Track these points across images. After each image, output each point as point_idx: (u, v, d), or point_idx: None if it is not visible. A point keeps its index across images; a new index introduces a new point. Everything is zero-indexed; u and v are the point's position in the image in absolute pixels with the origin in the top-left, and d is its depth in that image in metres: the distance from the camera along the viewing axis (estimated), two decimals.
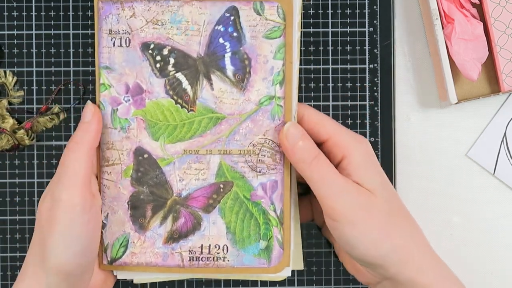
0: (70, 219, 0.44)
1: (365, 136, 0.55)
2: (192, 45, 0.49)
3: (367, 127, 0.55)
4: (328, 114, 0.55)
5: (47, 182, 0.53)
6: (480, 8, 0.54)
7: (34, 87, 0.55)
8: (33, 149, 0.55)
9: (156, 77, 0.49)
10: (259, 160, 0.50)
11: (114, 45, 0.49)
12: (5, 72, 0.55)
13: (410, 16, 0.56)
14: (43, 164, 0.55)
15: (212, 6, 0.49)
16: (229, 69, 0.49)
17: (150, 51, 0.49)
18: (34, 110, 0.55)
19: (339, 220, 0.46)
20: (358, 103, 0.55)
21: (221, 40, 0.49)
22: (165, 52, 0.49)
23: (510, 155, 0.56)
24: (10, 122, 0.54)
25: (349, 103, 0.55)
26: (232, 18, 0.49)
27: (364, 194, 0.47)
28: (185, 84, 0.49)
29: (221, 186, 0.50)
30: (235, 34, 0.49)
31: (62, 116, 0.55)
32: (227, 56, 0.49)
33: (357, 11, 0.55)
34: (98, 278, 0.50)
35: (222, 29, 0.49)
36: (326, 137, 0.49)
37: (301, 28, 0.52)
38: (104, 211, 0.50)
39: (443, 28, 0.52)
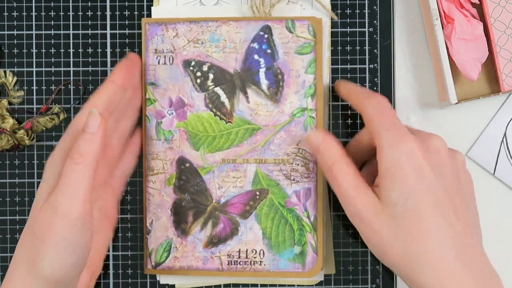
0: (71, 231, 0.43)
1: None
2: (229, 61, 0.53)
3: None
4: (328, 114, 0.55)
5: None
6: (480, 8, 0.54)
7: (34, 87, 0.55)
8: (33, 149, 0.56)
9: (197, 92, 0.53)
10: (293, 168, 0.53)
11: (159, 63, 0.53)
12: (5, 72, 0.55)
13: (410, 16, 0.56)
14: (43, 164, 0.55)
15: (247, 26, 0.52)
16: (264, 83, 0.53)
17: (191, 68, 0.53)
18: (34, 110, 0.55)
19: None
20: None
21: (256, 57, 0.53)
22: (205, 68, 0.53)
23: (510, 155, 0.56)
24: (10, 122, 0.54)
25: (349, 103, 0.55)
26: (266, 36, 0.52)
27: (369, 211, 0.46)
28: (223, 97, 0.53)
29: (257, 193, 0.53)
30: (268, 50, 0.53)
31: (62, 116, 0.55)
32: (262, 71, 0.53)
33: (357, 11, 0.56)
34: (82, 282, 0.51)
35: (256, 46, 0.53)
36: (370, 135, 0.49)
37: (331, 47, 0.55)
38: (149, 218, 0.53)
39: (443, 28, 0.52)
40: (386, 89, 0.56)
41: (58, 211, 0.43)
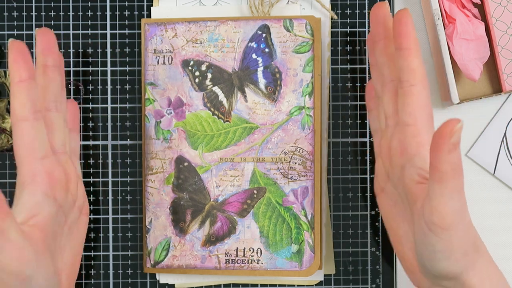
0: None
1: (365, 137, 0.56)
2: (228, 61, 0.53)
3: (367, 127, 0.56)
4: (328, 114, 0.56)
5: None
6: (481, 8, 0.54)
7: None
8: None
9: (195, 91, 0.53)
10: (291, 167, 0.53)
11: (158, 63, 0.54)
12: (5, 72, 0.55)
13: None
14: None
15: (246, 25, 0.53)
16: (262, 82, 0.53)
17: (190, 68, 0.53)
18: None
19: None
20: (358, 103, 0.56)
21: (254, 56, 0.53)
22: (203, 68, 0.53)
23: (510, 155, 0.55)
24: (10, 122, 0.54)
25: (349, 103, 0.56)
26: (264, 35, 0.53)
27: None
28: (221, 97, 0.53)
29: (255, 192, 0.53)
30: (266, 49, 0.53)
31: None
32: (260, 70, 0.53)
33: (357, 11, 0.56)
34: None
35: (254, 46, 0.53)
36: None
37: (331, 47, 0.56)
38: (148, 217, 0.54)
39: (444, 28, 0.53)
40: None
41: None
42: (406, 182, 0.44)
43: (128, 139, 0.56)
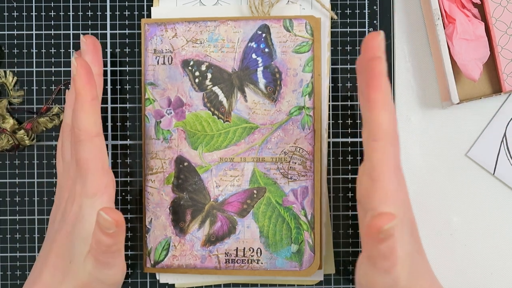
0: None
1: None
2: (228, 61, 0.53)
3: None
4: (328, 114, 0.55)
5: (47, 182, 0.56)
6: (481, 8, 0.54)
7: (34, 87, 0.56)
8: (33, 149, 0.56)
9: (195, 91, 0.53)
10: (290, 167, 0.53)
11: (158, 63, 0.54)
12: (5, 72, 0.55)
13: (410, 16, 0.56)
14: (43, 164, 0.56)
15: (246, 25, 0.53)
16: (261, 82, 0.53)
17: (190, 68, 0.53)
18: (34, 110, 0.56)
19: None
20: (358, 103, 0.55)
21: (253, 56, 0.53)
22: (203, 68, 0.53)
23: (510, 155, 0.55)
24: (10, 122, 0.54)
25: (349, 103, 0.55)
26: (263, 35, 0.53)
27: None
28: (221, 96, 0.53)
29: (255, 191, 0.53)
30: (266, 49, 0.53)
31: (62, 116, 0.55)
32: (260, 70, 0.53)
33: (357, 11, 0.56)
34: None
35: (254, 46, 0.53)
36: None
37: (331, 47, 0.56)
38: (148, 216, 0.54)
39: (444, 28, 0.53)
40: None
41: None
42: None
43: (128, 139, 0.56)
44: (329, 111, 0.55)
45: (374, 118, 0.41)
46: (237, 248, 0.53)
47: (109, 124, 0.56)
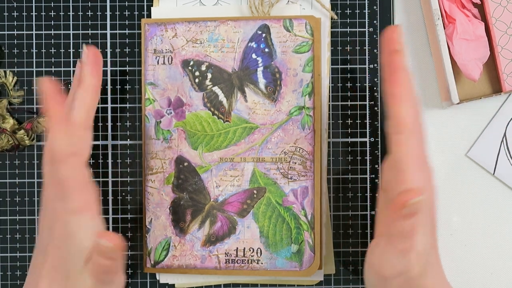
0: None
1: (365, 136, 0.56)
2: (228, 61, 0.53)
3: (367, 127, 0.55)
4: (328, 114, 0.56)
5: None
6: (481, 8, 0.54)
7: (34, 87, 0.56)
8: (33, 149, 0.56)
9: (195, 91, 0.53)
10: (290, 167, 0.53)
11: (158, 63, 0.54)
12: (5, 72, 0.55)
13: (410, 16, 0.56)
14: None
15: (246, 25, 0.53)
16: (261, 82, 0.53)
17: (190, 68, 0.53)
18: (34, 110, 0.56)
19: None
20: (358, 103, 0.55)
21: (254, 56, 0.53)
22: (203, 68, 0.53)
23: (510, 155, 0.55)
24: (10, 122, 0.54)
25: (349, 103, 0.55)
26: (264, 35, 0.53)
27: None
28: (221, 96, 0.53)
29: (255, 192, 0.53)
30: (266, 49, 0.53)
31: None
32: (260, 70, 0.53)
33: (357, 11, 0.56)
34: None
35: (254, 46, 0.53)
36: None
37: (331, 47, 0.56)
38: (148, 217, 0.54)
39: (444, 28, 0.53)
40: None
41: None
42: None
43: (128, 139, 0.56)
44: (329, 111, 0.55)
45: (396, 112, 0.41)
46: (237, 248, 0.53)
47: (109, 124, 0.56)
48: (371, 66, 0.56)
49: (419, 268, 0.42)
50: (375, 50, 0.56)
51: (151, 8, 0.55)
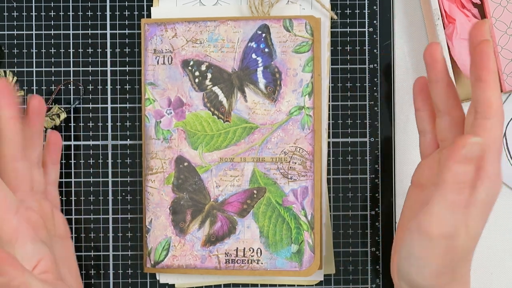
0: None
1: (365, 136, 0.56)
2: (227, 61, 0.53)
3: (367, 127, 0.55)
4: (328, 114, 0.55)
5: None
6: (481, 8, 0.54)
7: (34, 87, 0.56)
8: None
9: (195, 91, 0.53)
10: (290, 167, 0.53)
11: (158, 63, 0.54)
12: (5, 72, 0.55)
13: (410, 16, 0.56)
14: None
15: (245, 25, 0.53)
16: (261, 82, 0.53)
17: (189, 68, 0.53)
18: None
19: None
20: (358, 103, 0.55)
21: (253, 56, 0.53)
22: (203, 68, 0.53)
23: (510, 155, 0.55)
24: None
25: (349, 103, 0.55)
26: (263, 35, 0.53)
27: None
28: (221, 96, 0.53)
29: (255, 192, 0.53)
30: (266, 49, 0.53)
31: (62, 116, 0.55)
32: (259, 70, 0.53)
33: (357, 11, 0.56)
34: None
35: (254, 46, 0.53)
36: None
37: (331, 47, 0.56)
38: (148, 217, 0.54)
39: (444, 28, 0.53)
40: (386, 89, 0.56)
41: None
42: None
43: (128, 139, 0.56)
44: (329, 111, 0.55)
45: (486, 97, 0.42)
46: (237, 248, 0.53)
47: (109, 124, 0.56)
48: (371, 66, 0.56)
49: (472, 232, 0.43)
50: (375, 50, 0.56)
51: (151, 8, 0.55)
